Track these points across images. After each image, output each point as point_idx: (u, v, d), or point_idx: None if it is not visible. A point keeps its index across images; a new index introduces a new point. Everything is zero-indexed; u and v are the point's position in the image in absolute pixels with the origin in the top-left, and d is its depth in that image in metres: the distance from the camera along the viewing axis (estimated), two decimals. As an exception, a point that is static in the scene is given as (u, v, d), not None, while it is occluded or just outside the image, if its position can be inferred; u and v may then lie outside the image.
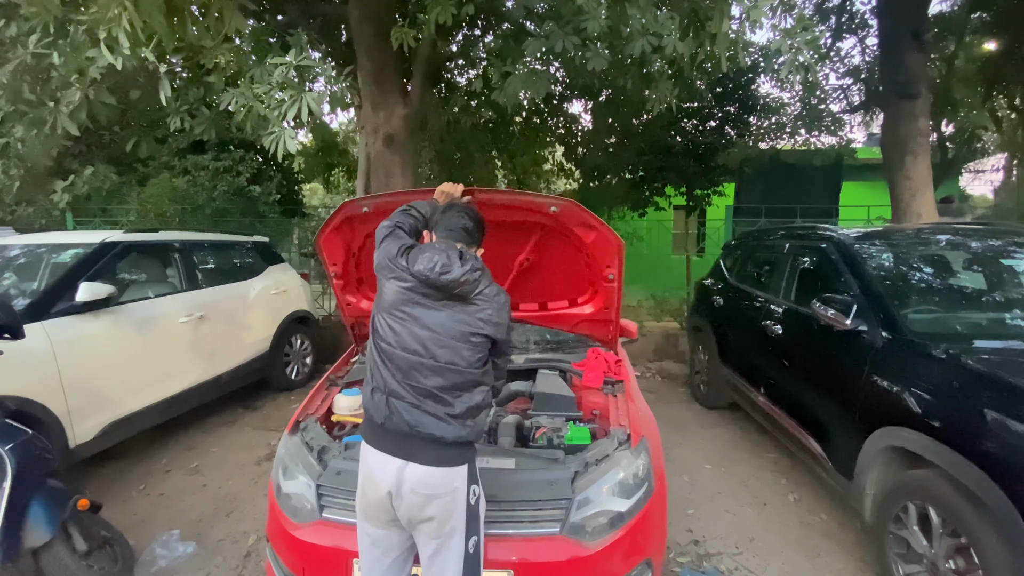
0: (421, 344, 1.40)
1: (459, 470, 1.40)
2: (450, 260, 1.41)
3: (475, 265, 1.44)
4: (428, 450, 1.38)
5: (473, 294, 1.43)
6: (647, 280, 7.62)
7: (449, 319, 1.41)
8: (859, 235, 3.04)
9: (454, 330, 1.41)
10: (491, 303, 1.45)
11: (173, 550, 2.50)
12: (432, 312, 1.42)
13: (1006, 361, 2.07)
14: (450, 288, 1.40)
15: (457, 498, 1.39)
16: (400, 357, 1.41)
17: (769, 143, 7.97)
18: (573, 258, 2.22)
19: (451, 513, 1.38)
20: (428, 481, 1.37)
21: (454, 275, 1.39)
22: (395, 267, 1.45)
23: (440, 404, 1.39)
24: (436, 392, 1.39)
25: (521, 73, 3.85)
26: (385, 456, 1.40)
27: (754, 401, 3.52)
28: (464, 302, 1.43)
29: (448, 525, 1.39)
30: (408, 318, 1.42)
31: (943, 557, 1.90)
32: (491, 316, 1.44)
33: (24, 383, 2.66)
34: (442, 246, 1.47)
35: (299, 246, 8.51)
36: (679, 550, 2.54)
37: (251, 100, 3.23)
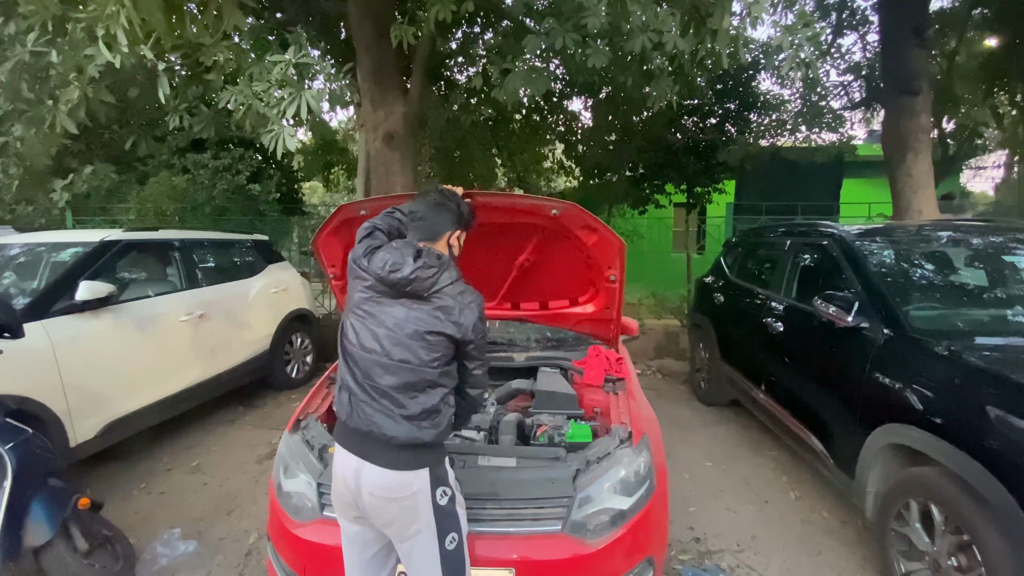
0: (377, 342, 1.39)
1: (418, 474, 1.38)
2: (402, 258, 1.40)
3: (428, 262, 1.40)
4: (383, 451, 1.37)
5: (429, 291, 1.40)
6: (648, 278, 7.61)
7: (405, 317, 1.39)
8: (860, 232, 3.03)
9: (409, 328, 1.38)
10: (453, 301, 1.40)
11: (174, 548, 2.50)
12: (388, 310, 1.41)
13: (1008, 358, 2.06)
14: (401, 285, 1.39)
15: (419, 501, 1.37)
16: (359, 355, 1.41)
17: (770, 140, 7.97)
18: (574, 259, 2.21)
19: (414, 516, 1.38)
20: (383, 484, 1.36)
21: (403, 273, 1.38)
22: (357, 267, 1.47)
23: (394, 404, 1.37)
24: (390, 391, 1.37)
25: (521, 70, 3.83)
26: (347, 454, 1.41)
27: (755, 399, 3.51)
28: (420, 300, 1.41)
29: (412, 527, 1.38)
30: (367, 316, 1.43)
31: (945, 554, 1.89)
32: (451, 315, 1.39)
33: (24, 382, 2.66)
34: (398, 244, 1.47)
35: (299, 244, 8.51)
36: (680, 548, 2.54)
37: (250, 98, 3.21)
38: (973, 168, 12.70)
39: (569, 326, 2.62)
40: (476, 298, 1.46)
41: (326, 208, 9.98)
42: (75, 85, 3.49)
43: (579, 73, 5.11)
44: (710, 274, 4.86)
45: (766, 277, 3.84)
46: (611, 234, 1.96)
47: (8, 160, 4.93)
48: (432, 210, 1.53)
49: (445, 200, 1.55)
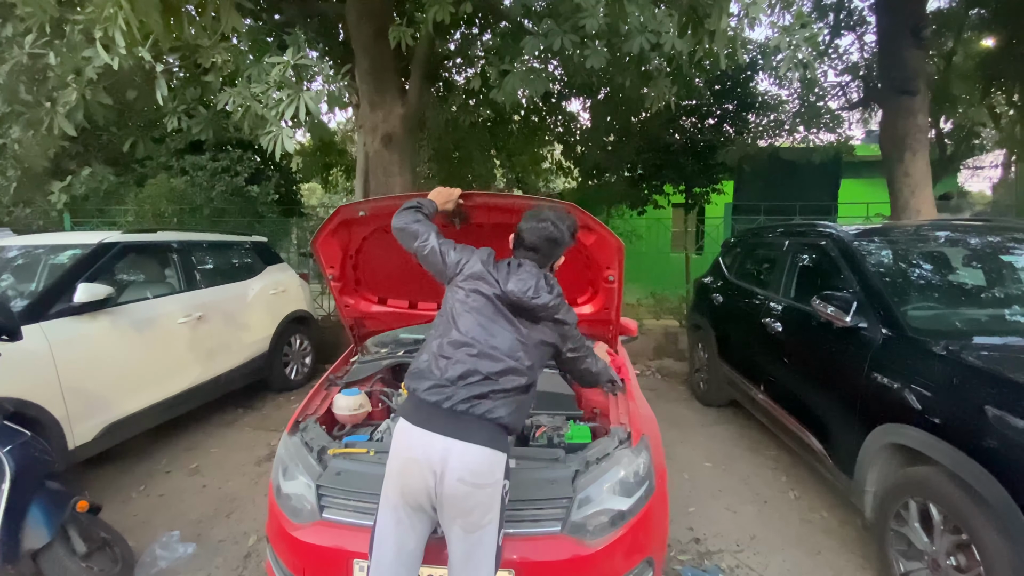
0: (490, 339, 1.54)
1: (501, 458, 1.44)
2: (538, 286, 1.55)
3: (558, 291, 1.61)
4: (480, 431, 1.42)
5: (552, 316, 1.59)
6: (646, 278, 7.61)
7: (521, 332, 1.56)
8: (858, 232, 3.04)
9: (527, 340, 1.56)
10: (565, 316, 1.64)
11: (173, 551, 2.50)
12: (502, 320, 1.56)
13: (1006, 357, 2.06)
14: (534, 310, 1.56)
15: (498, 490, 1.42)
16: (470, 342, 1.53)
17: (768, 140, 7.97)
18: (573, 259, 2.21)
19: (491, 504, 1.41)
20: (475, 467, 1.39)
21: (542, 300, 1.53)
22: (485, 276, 1.57)
23: (498, 391, 1.48)
24: (496, 378, 1.48)
25: (519, 71, 3.84)
26: (430, 435, 1.42)
27: (754, 399, 3.52)
28: (536, 319, 1.58)
29: (488, 516, 1.40)
30: (484, 318, 1.58)
31: (944, 554, 1.89)
32: (564, 331, 1.67)
33: (22, 385, 2.65)
34: (529, 269, 1.59)
35: (298, 246, 8.50)
36: (680, 548, 2.54)
37: (248, 100, 3.21)
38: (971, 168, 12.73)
39: None
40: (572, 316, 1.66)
41: (325, 209, 9.99)
42: (73, 87, 3.49)
43: (577, 74, 5.11)
44: (709, 274, 4.87)
45: (764, 277, 3.85)
46: (609, 234, 1.97)
47: (6, 162, 4.94)
48: (546, 243, 1.62)
49: (560, 234, 1.62)
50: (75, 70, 3.42)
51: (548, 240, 1.60)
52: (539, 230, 1.60)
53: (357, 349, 2.84)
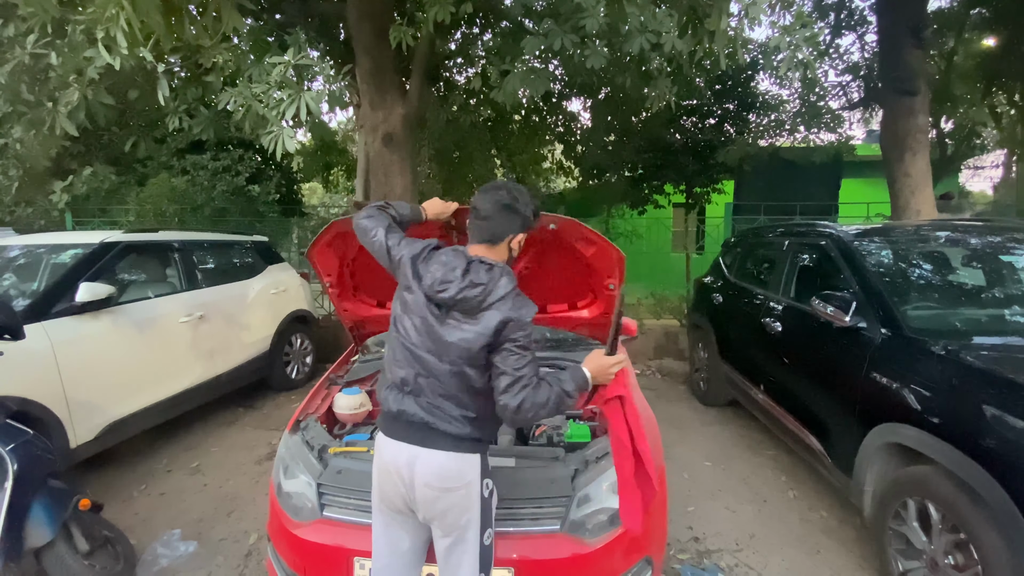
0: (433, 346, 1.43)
1: (472, 460, 1.40)
2: (451, 274, 1.38)
3: (475, 280, 1.36)
4: (441, 438, 1.38)
5: (479, 309, 1.36)
6: (647, 278, 7.61)
7: (453, 337, 1.40)
8: (858, 232, 3.04)
9: (456, 348, 1.39)
10: (503, 314, 1.36)
11: (174, 549, 2.51)
12: (439, 324, 1.42)
13: (1005, 357, 2.07)
14: (448, 305, 1.39)
15: (471, 492, 1.38)
16: (416, 353, 1.45)
17: (768, 140, 7.97)
18: (574, 267, 2.22)
19: (467, 507, 1.38)
20: (441, 472, 1.37)
21: (449, 293, 1.36)
22: (411, 270, 1.46)
23: (450, 403, 1.41)
24: (446, 391, 1.41)
25: (520, 71, 3.84)
26: (398, 444, 1.41)
27: (754, 398, 3.52)
28: (469, 317, 1.38)
29: (464, 518, 1.39)
30: (423, 322, 1.46)
31: (942, 553, 1.90)
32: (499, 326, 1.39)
33: (25, 384, 2.66)
34: (448, 255, 1.43)
35: (299, 245, 8.52)
36: (679, 547, 2.55)
37: (249, 99, 3.22)
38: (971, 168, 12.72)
39: (568, 328, 2.62)
40: (528, 301, 1.41)
41: (325, 209, 10.00)
42: (75, 87, 3.50)
43: (578, 74, 5.12)
44: (709, 274, 4.87)
45: (765, 277, 3.85)
46: (610, 246, 1.97)
47: (8, 162, 4.94)
48: (499, 211, 1.43)
49: (515, 201, 1.44)
50: (77, 70, 3.43)
51: (502, 207, 1.42)
52: (493, 198, 1.44)
53: (358, 348, 2.85)
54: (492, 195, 1.44)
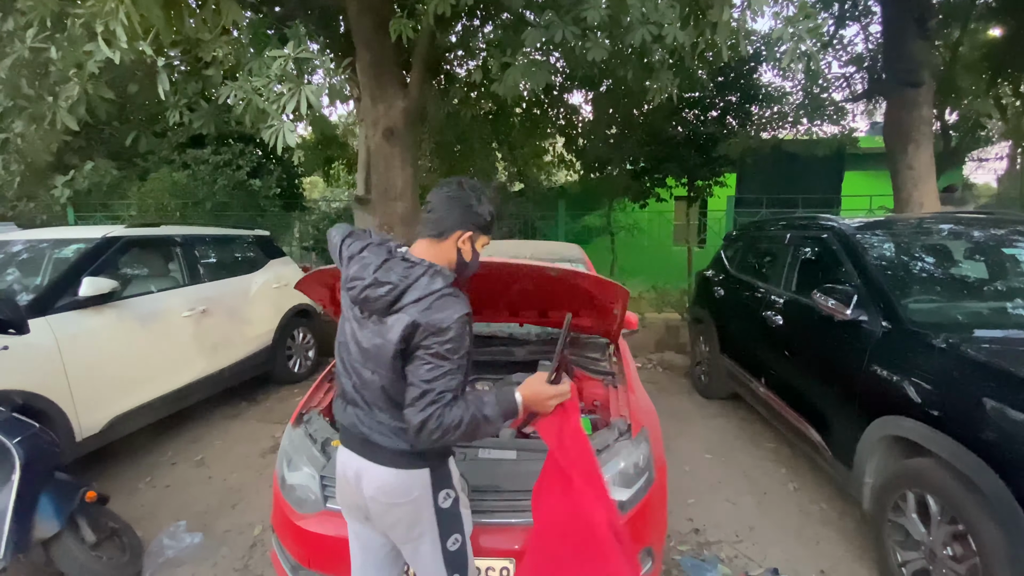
0: (360, 354, 1.34)
1: (419, 475, 1.30)
2: (364, 271, 1.28)
3: (381, 279, 1.25)
4: (383, 453, 1.30)
5: (388, 311, 1.24)
6: (648, 272, 7.62)
7: (369, 339, 1.30)
8: (860, 225, 3.03)
9: (375, 353, 1.29)
10: (416, 315, 1.21)
11: (180, 540, 2.54)
12: (365, 326, 1.33)
13: (1006, 350, 2.07)
14: (359, 303, 1.29)
15: (420, 506, 1.31)
16: (351, 363, 1.38)
17: (771, 133, 7.93)
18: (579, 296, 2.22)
19: (416, 520, 1.32)
20: (385, 487, 1.30)
21: (355, 291, 1.28)
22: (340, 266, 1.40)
23: (383, 415, 1.32)
24: (378, 403, 1.32)
25: (521, 64, 3.83)
26: (349, 454, 1.36)
27: (755, 391, 3.53)
28: (380, 320, 1.27)
29: (415, 530, 1.33)
30: (357, 325, 1.37)
31: (941, 544, 1.91)
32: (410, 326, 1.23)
33: (30, 377, 2.68)
34: (372, 250, 1.33)
35: (300, 240, 8.54)
36: (679, 539, 2.57)
37: (250, 93, 3.22)
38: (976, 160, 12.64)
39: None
40: (457, 316, 1.21)
41: (327, 203, 10.00)
42: (75, 81, 3.50)
43: (579, 66, 5.09)
44: (710, 268, 4.87)
45: (766, 271, 3.85)
46: (613, 284, 1.98)
47: (9, 156, 4.94)
48: (444, 203, 1.32)
49: (460, 192, 1.33)
50: (76, 64, 3.42)
51: (447, 199, 1.32)
52: (442, 191, 1.34)
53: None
54: (443, 188, 1.35)
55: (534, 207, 8.32)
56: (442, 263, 1.31)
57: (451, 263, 1.34)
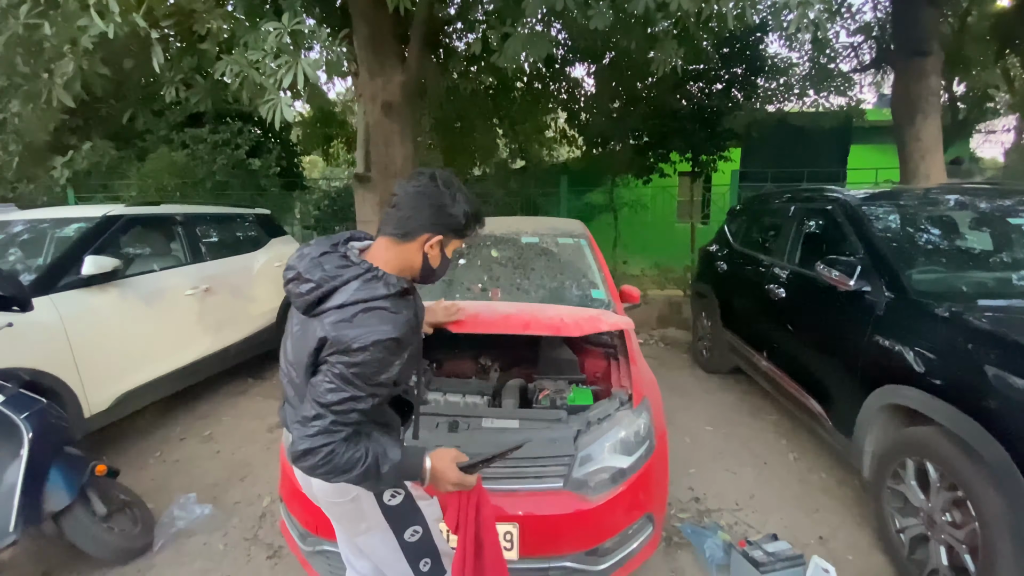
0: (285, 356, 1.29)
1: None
2: (298, 262, 1.17)
3: (307, 274, 1.12)
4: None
5: (314, 311, 1.12)
6: (651, 249, 7.59)
7: (300, 335, 1.19)
8: (866, 196, 3.00)
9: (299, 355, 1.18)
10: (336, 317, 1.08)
11: (191, 512, 2.59)
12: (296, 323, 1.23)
13: (1008, 319, 2.06)
14: (295, 297, 1.16)
15: (362, 506, 1.22)
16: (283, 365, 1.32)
17: (777, 105, 7.79)
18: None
19: (359, 518, 1.25)
20: (322, 485, 1.20)
21: (285, 281, 1.18)
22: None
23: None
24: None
25: (521, 34, 3.74)
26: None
27: (756, 365, 3.55)
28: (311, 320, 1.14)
29: (361, 526, 1.26)
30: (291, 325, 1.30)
31: (940, 510, 1.94)
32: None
33: (36, 355, 2.71)
34: (314, 242, 1.22)
35: (301, 219, 8.51)
36: (680, 507, 2.61)
37: (246, 68, 3.16)
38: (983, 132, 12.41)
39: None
40: (375, 338, 1.04)
41: (327, 182, 9.93)
42: (69, 57, 3.45)
43: (581, 37, 4.99)
44: (714, 243, 4.84)
45: (770, 244, 3.83)
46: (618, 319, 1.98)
47: (7, 137, 4.91)
48: (412, 199, 1.15)
49: (431, 188, 1.15)
50: (71, 40, 3.37)
51: (416, 195, 1.15)
52: (412, 184, 1.17)
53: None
54: (412, 182, 1.17)
55: (536, 184, 8.25)
56: (401, 267, 1.17)
57: (413, 269, 1.19)
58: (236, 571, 2.27)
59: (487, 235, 3.22)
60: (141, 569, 2.29)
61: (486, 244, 3.15)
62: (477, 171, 9.67)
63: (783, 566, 2.03)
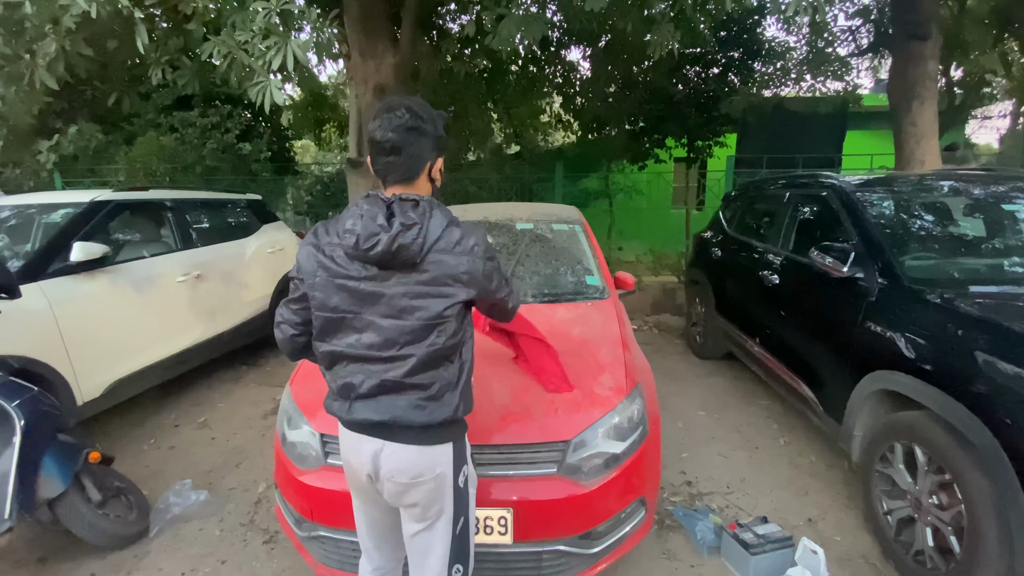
0: (378, 337, 1.20)
1: (443, 450, 1.25)
2: (374, 224, 1.11)
3: (406, 222, 1.11)
4: (405, 432, 1.21)
5: (422, 255, 1.13)
6: (646, 235, 7.58)
7: (405, 294, 1.17)
8: (860, 182, 2.99)
9: (413, 315, 1.17)
10: (452, 257, 1.15)
11: (186, 498, 2.60)
12: (380, 293, 1.19)
13: (998, 304, 2.07)
14: (385, 261, 1.14)
15: (442, 483, 1.25)
16: (360, 354, 1.22)
17: (773, 90, 7.74)
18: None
19: (438, 498, 1.26)
20: (406, 467, 1.22)
21: (383, 246, 1.11)
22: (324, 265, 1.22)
23: (412, 391, 1.20)
24: (404, 381, 1.19)
25: (515, 15, 3.68)
26: (360, 437, 1.25)
27: (749, 351, 3.57)
28: (413, 269, 1.15)
29: (434, 508, 1.27)
30: (354, 313, 1.24)
31: (927, 493, 1.97)
32: (457, 278, 1.16)
33: (26, 343, 2.68)
34: (363, 206, 1.16)
35: (293, 205, 8.42)
36: (672, 491, 2.64)
37: (234, 49, 3.09)
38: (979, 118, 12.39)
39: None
40: (475, 237, 1.18)
41: (319, 167, 9.81)
42: (51, 37, 3.36)
43: (576, 19, 4.90)
44: (708, 229, 4.84)
45: (764, 230, 3.83)
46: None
47: (-9, 120, 4.81)
48: (408, 136, 1.16)
49: (421, 121, 1.17)
50: (52, 20, 3.28)
51: (408, 132, 1.16)
52: (392, 123, 1.15)
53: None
54: (394, 119, 1.16)
55: (531, 169, 8.19)
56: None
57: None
58: (232, 556, 2.29)
59: (481, 221, 3.20)
60: (138, 555, 2.30)
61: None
62: (472, 156, 9.58)
63: (772, 548, 2.07)
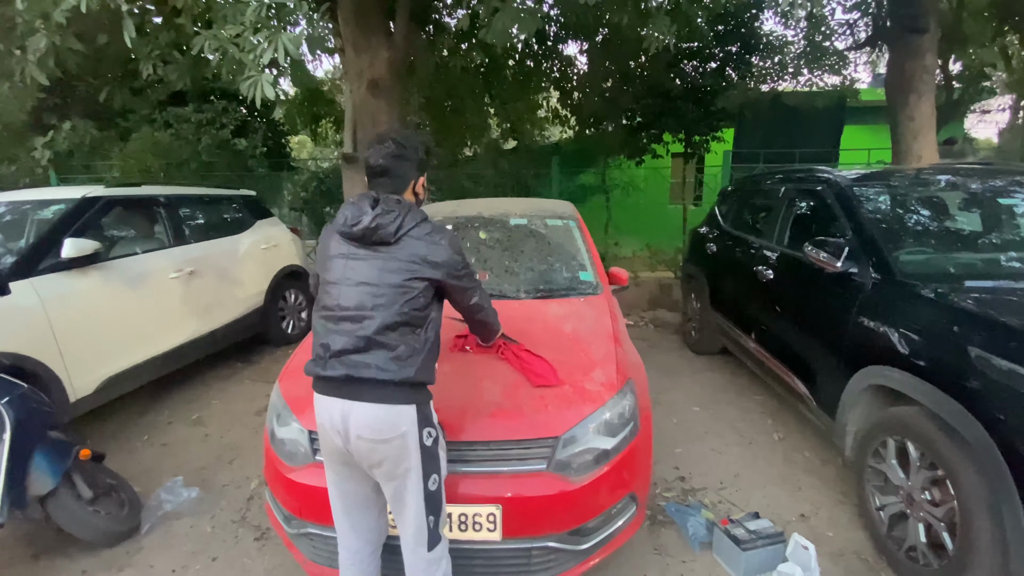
0: (359, 297, 1.43)
1: (406, 411, 1.40)
2: (359, 210, 1.42)
3: (386, 208, 1.42)
4: (372, 389, 1.38)
5: (396, 236, 1.41)
6: (643, 231, 7.56)
7: (382, 267, 1.43)
8: (856, 177, 2.97)
9: (387, 278, 1.42)
10: (422, 243, 1.43)
11: (178, 495, 2.59)
12: (363, 264, 1.45)
13: (993, 299, 2.06)
14: (367, 237, 1.42)
15: (408, 442, 1.39)
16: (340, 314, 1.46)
17: (771, 84, 7.71)
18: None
19: (404, 456, 1.40)
20: (373, 424, 1.38)
21: (364, 224, 1.40)
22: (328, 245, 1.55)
23: (380, 348, 1.39)
24: (375, 338, 1.39)
25: (510, 9, 3.65)
26: (330, 400, 1.41)
27: (744, 346, 3.56)
28: (389, 246, 1.43)
29: (401, 466, 1.41)
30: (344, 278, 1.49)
31: (919, 489, 1.96)
32: (425, 257, 1.43)
33: (17, 339, 2.67)
34: (355, 199, 1.48)
35: (289, 201, 8.39)
36: (665, 486, 2.64)
37: (225, 43, 3.07)
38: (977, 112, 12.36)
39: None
40: (446, 234, 1.49)
41: (315, 163, 9.77)
42: (42, 32, 3.33)
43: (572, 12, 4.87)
44: (704, 224, 4.82)
45: (760, 226, 3.81)
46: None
47: (-18, 116, 4.78)
48: (394, 161, 1.51)
49: (404, 150, 1.52)
50: (43, 15, 3.25)
51: (395, 159, 1.50)
52: (381, 152, 1.50)
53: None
54: (384, 149, 1.50)
55: (527, 164, 8.16)
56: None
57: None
58: (224, 553, 2.28)
59: (475, 216, 3.19)
60: (130, 551, 2.30)
61: (474, 226, 3.12)
62: (468, 151, 9.54)
63: (764, 543, 2.06)
